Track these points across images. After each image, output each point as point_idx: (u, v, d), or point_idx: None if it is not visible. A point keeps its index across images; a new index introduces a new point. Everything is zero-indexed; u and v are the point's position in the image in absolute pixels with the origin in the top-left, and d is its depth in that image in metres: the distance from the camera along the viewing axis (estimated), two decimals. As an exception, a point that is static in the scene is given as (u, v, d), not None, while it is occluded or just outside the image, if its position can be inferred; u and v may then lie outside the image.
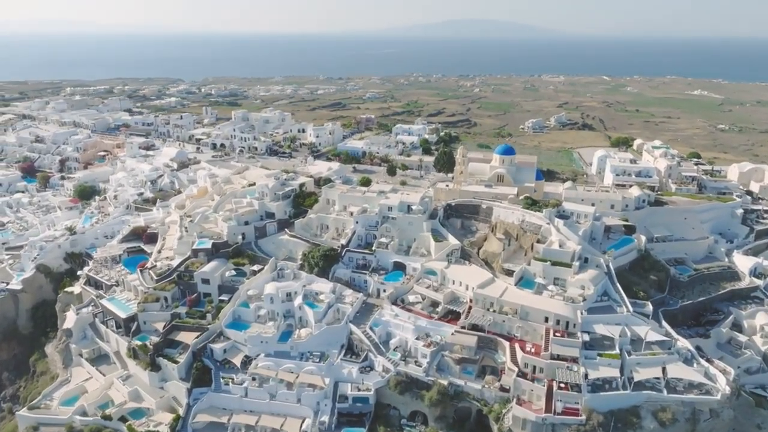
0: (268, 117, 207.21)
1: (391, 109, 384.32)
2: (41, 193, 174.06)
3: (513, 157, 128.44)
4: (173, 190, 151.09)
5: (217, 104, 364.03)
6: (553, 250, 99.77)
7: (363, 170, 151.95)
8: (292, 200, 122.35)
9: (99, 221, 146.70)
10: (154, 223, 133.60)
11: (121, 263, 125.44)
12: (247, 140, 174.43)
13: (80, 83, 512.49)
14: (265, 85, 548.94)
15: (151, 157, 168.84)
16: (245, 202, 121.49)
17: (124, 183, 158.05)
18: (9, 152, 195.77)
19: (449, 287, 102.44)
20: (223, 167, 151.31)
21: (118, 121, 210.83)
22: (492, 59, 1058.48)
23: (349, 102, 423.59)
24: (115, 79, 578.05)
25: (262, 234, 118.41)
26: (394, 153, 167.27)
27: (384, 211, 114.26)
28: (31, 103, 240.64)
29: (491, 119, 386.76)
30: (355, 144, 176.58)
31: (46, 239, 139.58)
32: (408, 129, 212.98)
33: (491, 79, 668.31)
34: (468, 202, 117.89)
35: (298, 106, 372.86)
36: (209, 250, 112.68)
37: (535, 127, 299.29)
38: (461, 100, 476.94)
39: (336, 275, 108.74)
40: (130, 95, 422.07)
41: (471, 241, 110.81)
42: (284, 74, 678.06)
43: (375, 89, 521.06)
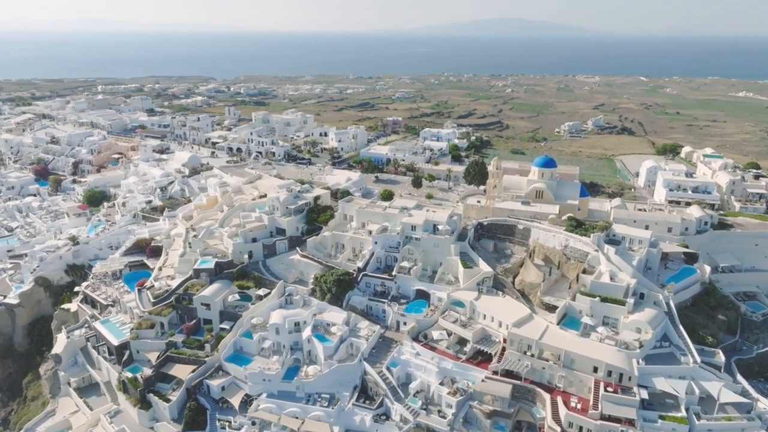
0: (290, 119, 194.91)
1: (420, 110, 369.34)
2: (52, 197, 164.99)
3: (554, 170, 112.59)
4: (183, 198, 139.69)
5: (244, 104, 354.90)
6: (603, 284, 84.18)
7: (386, 180, 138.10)
8: (305, 215, 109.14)
9: (105, 230, 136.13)
10: (159, 235, 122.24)
11: (121, 279, 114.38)
12: (265, 144, 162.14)
13: (114, 81, 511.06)
14: (295, 84, 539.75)
15: (164, 162, 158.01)
16: (254, 216, 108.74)
17: (133, 189, 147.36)
18: (24, 153, 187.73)
19: (479, 323, 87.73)
20: (235, 174, 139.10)
21: (135, 122, 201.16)
22: (524, 59, 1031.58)
23: (377, 102, 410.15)
24: (149, 77, 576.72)
25: (271, 252, 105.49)
26: (421, 161, 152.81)
27: (407, 230, 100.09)
28: (52, 103, 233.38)
29: (524, 121, 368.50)
30: (379, 150, 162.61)
31: (48, 249, 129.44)
32: (436, 133, 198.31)
33: (524, 78, 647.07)
34: (502, 222, 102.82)
35: (326, 106, 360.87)
36: (212, 270, 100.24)
37: (572, 131, 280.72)
38: (493, 100, 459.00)
39: (351, 303, 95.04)
40: (159, 93, 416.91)
41: (505, 267, 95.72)
42: (314, 73, 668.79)
43: (405, 89, 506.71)
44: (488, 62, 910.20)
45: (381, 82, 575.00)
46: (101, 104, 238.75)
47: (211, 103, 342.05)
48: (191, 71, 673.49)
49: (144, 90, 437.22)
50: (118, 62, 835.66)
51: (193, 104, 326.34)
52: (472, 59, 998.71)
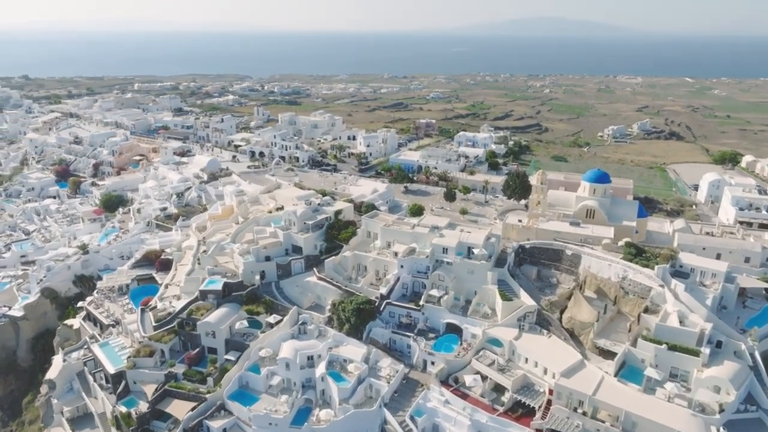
0: (317, 121, 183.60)
1: (454, 111, 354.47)
2: (71, 199, 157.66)
3: (607, 186, 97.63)
4: (200, 205, 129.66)
5: (275, 103, 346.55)
6: (671, 328, 69.59)
7: (416, 191, 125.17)
8: (324, 232, 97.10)
9: (118, 238, 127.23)
10: (171, 247, 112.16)
11: (127, 295, 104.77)
12: (288, 149, 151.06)
13: (152, 78, 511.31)
14: (329, 83, 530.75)
15: (183, 165, 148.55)
16: (268, 231, 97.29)
17: (150, 194, 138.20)
18: (48, 153, 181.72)
19: (520, 367, 74.23)
20: (255, 182, 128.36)
21: (159, 122, 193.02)
22: (563, 58, 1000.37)
23: (411, 102, 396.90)
24: (187, 75, 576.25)
25: (286, 273, 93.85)
26: (455, 169, 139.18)
27: (437, 252, 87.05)
28: (80, 101, 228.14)
29: (563, 123, 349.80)
30: (410, 156, 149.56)
31: (56, 258, 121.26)
32: (472, 138, 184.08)
33: (562, 79, 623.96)
34: (547, 246, 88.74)
35: (358, 106, 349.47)
36: (219, 292, 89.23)
37: (616, 135, 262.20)
38: (530, 101, 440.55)
39: (371, 336, 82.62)
40: (194, 92, 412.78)
41: (551, 300, 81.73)
42: (349, 72, 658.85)
43: (439, 89, 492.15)
44: (526, 62, 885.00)
45: (415, 81, 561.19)
46: (129, 103, 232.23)
47: (242, 102, 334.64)
48: (229, 70, 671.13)
49: (179, 88, 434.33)
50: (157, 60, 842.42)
51: (224, 103, 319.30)
52: (509, 59, 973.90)
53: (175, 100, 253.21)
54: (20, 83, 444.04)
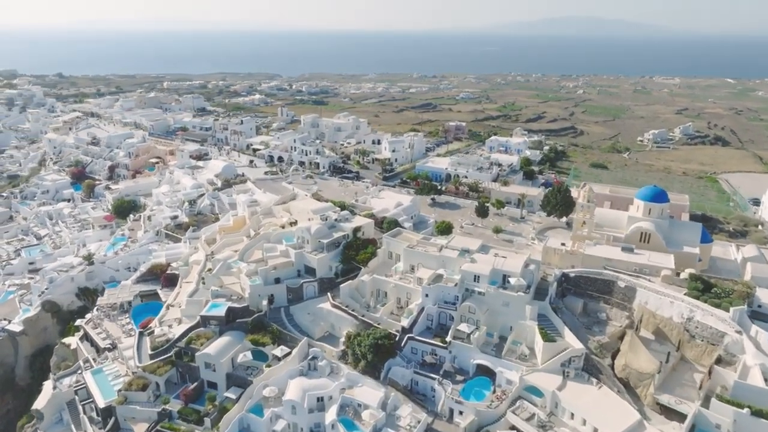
0: (341, 124, 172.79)
1: (485, 112, 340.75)
2: (84, 203, 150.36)
3: (665, 206, 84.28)
4: (212, 214, 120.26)
5: (302, 103, 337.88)
6: (754, 387, 56.69)
7: (444, 204, 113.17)
8: (341, 252, 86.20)
9: (126, 247, 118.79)
10: (178, 261, 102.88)
11: (129, 314, 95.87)
12: (308, 153, 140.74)
13: (181, 77, 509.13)
14: (357, 82, 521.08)
15: (199, 170, 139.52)
16: (279, 250, 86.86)
17: (162, 200, 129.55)
18: (65, 154, 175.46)
19: (564, 423, 62.17)
20: (270, 190, 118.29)
21: (178, 123, 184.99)
22: (596, 58, 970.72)
23: (440, 102, 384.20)
24: (217, 74, 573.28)
25: (297, 297, 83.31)
26: (487, 178, 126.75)
27: (468, 280, 75.34)
28: (101, 101, 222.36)
29: (599, 126, 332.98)
30: (438, 163, 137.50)
31: (60, 269, 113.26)
32: (505, 143, 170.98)
33: (596, 79, 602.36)
34: (595, 275, 76.23)
35: (386, 107, 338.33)
36: (222, 319, 79.21)
37: (657, 140, 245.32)
38: (563, 102, 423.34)
39: (390, 375, 71.45)
40: (222, 90, 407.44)
41: (601, 342, 69.28)
42: (378, 71, 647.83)
43: (469, 89, 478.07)
44: (558, 62, 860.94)
45: (445, 81, 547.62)
46: (152, 102, 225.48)
47: (268, 101, 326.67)
48: (260, 68, 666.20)
49: (208, 86, 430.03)
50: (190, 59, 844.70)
51: (250, 103, 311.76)
52: (540, 58, 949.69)
53: (198, 99, 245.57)
54: (53, 81, 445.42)
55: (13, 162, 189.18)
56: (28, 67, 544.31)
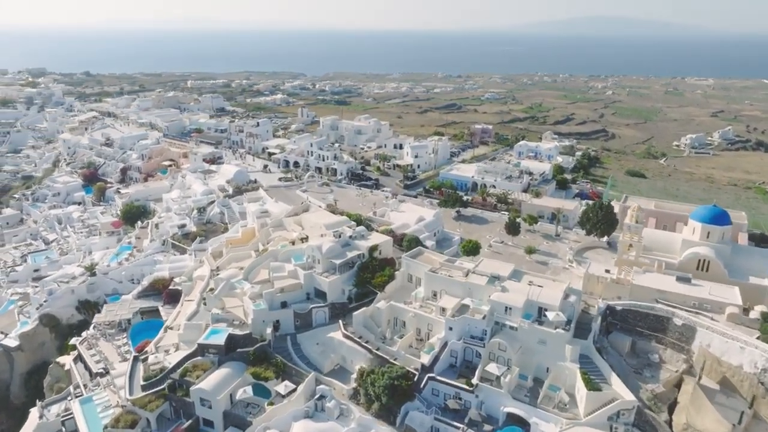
0: (361, 126, 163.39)
1: (511, 114, 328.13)
2: (95, 207, 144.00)
3: (727, 229, 73.01)
4: (222, 223, 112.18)
5: (324, 103, 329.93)
6: None
7: (471, 218, 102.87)
8: (355, 273, 76.94)
9: (131, 257, 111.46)
10: (182, 275, 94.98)
11: (127, 333, 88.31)
12: (326, 159, 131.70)
13: (205, 76, 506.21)
14: (381, 82, 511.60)
15: (211, 175, 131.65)
16: (287, 269, 77.93)
17: (172, 207, 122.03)
18: (79, 155, 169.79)
19: (614, 495, 52.01)
20: (283, 199, 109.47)
21: (194, 124, 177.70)
22: (625, 58, 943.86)
23: (465, 103, 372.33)
24: (241, 73, 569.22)
25: (305, 324, 74.29)
26: (517, 188, 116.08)
27: (498, 312, 65.42)
28: (119, 100, 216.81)
29: (631, 129, 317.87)
30: (464, 171, 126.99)
31: (60, 279, 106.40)
32: (534, 148, 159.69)
33: (626, 80, 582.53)
34: (646, 309, 65.60)
35: (409, 107, 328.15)
36: (221, 348, 70.63)
37: (695, 145, 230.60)
38: (592, 103, 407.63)
39: (408, 422, 61.89)
40: (245, 89, 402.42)
41: (654, 392, 58.68)
42: (402, 71, 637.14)
43: (495, 89, 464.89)
44: (586, 62, 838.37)
45: (470, 81, 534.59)
46: (170, 102, 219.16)
47: (290, 101, 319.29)
48: (285, 67, 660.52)
49: (231, 85, 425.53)
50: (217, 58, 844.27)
51: (271, 102, 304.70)
52: (568, 58, 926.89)
53: (217, 99, 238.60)
54: (80, 79, 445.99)
55: (29, 162, 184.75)
56: (57, 66, 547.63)
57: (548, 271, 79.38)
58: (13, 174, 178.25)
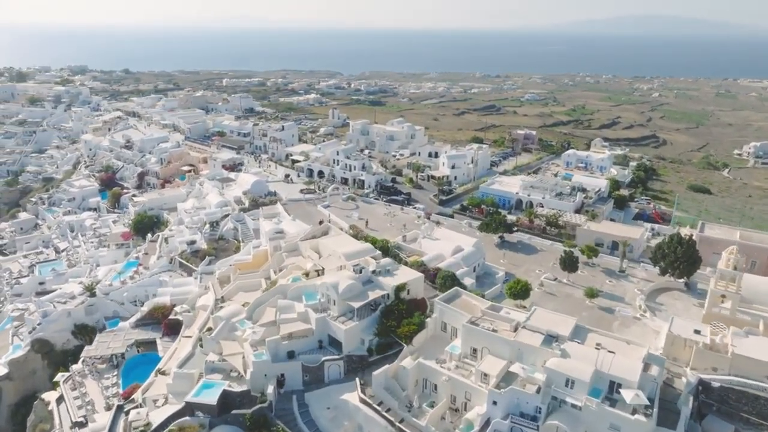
0: (393, 132, 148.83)
1: (553, 116, 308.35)
2: (109, 215, 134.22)
3: None
4: (235, 240, 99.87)
5: (358, 103, 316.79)
6: None
7: (517, 245, 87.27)
8: (377, 319, 62.98)
9: (136, 274, 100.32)
10: (184, 304, 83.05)
11: (119, 369, 76.93)
12: (353, 169, 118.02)
13: (241, 74, 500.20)
14: (417, 81, 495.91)
15: (228, 184, 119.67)
16: (297, 310, 64.48)
17: (185, 219, 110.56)
18: (99, 157, 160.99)
19: None
20: (302, 217, 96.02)
21: (217, 126, 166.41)
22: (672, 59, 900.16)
23: (504, 104, 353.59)
24: (277, 71, 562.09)
25: (316, 379, 60.72)
26: (569, 208, 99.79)
27: (556, 384, 50.48)
28: (144, 99, 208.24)
29: (682, 134, 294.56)
30: (507, 186, 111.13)
31: (57, 299, 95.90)
32: (585, 158, 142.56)
33: (672, 81, 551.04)
34: (755, 390, 49.60)
35: (446, 109, 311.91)
36: (213, 408, 57.76)
37: (760, 154, 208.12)
38: (638, 106, 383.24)
39: None
40: (279, 88, 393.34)
41: None
42: (439, 70, 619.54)
43: (535, 89, 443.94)
44: (630, 62, 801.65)
45: (509, 81, 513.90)
46: (197, 102, 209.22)
47: (323, 101, 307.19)
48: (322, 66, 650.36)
49: (266, 84, 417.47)
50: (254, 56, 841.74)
51: (304, 102, 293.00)
52: (611, 59, 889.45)
53: (246, 99, 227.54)
54: (120, 77, 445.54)
55: (52, 163, 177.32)
56: (99, 63, 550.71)
57: (616, 322, 63.82)
58: (35, 175, 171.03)
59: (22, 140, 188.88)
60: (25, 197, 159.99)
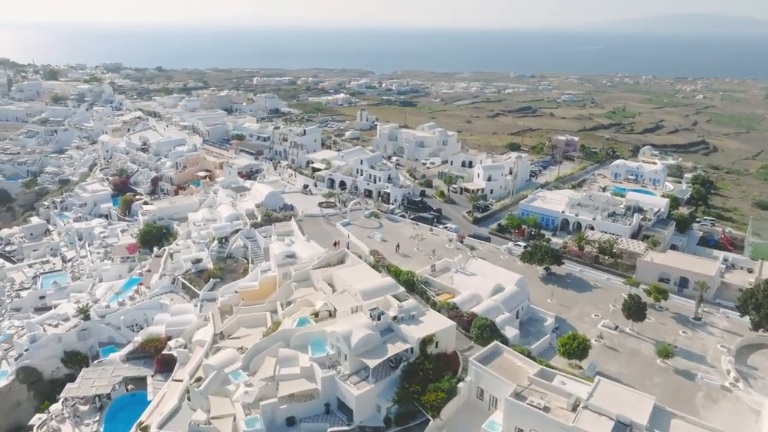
0: (424, 138, 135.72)
1: (593, 120, 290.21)
2: (119, 222, 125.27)
3: None
4: (244, 259, 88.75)
5: (389, 104, 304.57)
6: None
7: (565, 277, 73.45)
8: (398, 380, 50.63)
9: (137, 294, 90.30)
10: (179, 337, 72.26)
11: (102, 414, 66.63)
12: (378, 180, 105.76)
13: (274, 72, 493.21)
14: (450, 81, 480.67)
15: (243, 194, 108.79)
16: (300, 364, 52.59)
17: (194, 232, 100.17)
18: (115, 160, 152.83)
19: None
20: (318, 236, 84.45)
21: (237, 128, 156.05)
22: (717, 59, 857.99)
23: (540, 106, 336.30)
24: (309, 70, 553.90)
25: (320, 457, 48.96)
26: (625, 232, 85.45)
27: (632, 495, 37.42)
28: (166, 99, 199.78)
29: (731, 140, 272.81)
30: (550, 203, 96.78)
31: (49, 321, 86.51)
32: (636, 169, 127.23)
33: (717, 82, 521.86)
34: None
35: (480, 110, 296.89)
36: (191, 490, 46.45)
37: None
38: (681, 108, 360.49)
39: None
40: (309, 87, 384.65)
41: None
42: (472, 70, 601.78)
43: (571, 90, 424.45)
44: (671, 62, 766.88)
45: (544, 81, 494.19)
46: (221, 102, 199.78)
47: (352, 101, 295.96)
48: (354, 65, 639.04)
49: (297, 83, 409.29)
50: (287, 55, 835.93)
51: (332, 102, 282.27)
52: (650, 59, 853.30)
53: (272, 99, 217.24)
54: (152, 74, 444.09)
55: (70, 164, 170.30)
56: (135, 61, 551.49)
57: (699, 393, 49.99)
58: (53, 176, 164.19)
59: (43, 140, 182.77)
60: (41, 200, 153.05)
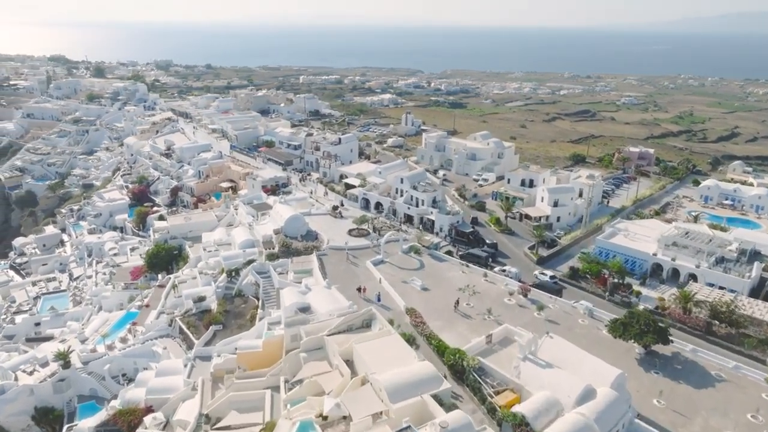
0: (476, 149, 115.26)
1: (659, 125, 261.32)
2: (132, 237, 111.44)
3: None
4: (255, 298, 71.98)
5: (437, 105, 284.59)
6: None
7: (672, 360, 52.22)
8: None
9: (130, 334, 75.17)
10: (159, 411, 56.03)
11: None
12: (421, 204, 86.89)
13: (322, 71, 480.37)
14: (502, 81, 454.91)
15: (264, 214, 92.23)
16: None
17: (204, 259, 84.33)
18: (138, 165, 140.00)
19: None
20: (343, 279, 66.57)
21: (269, 133, 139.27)
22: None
23: (598, 109, 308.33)
24: (358, 68, 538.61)
25: None
26: (742, 285, 63.52)
27: None
28: (199, 99, 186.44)
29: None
30: (635, 240, 75.21)
31: (24, 365, 72.31)
32: (731, 193, 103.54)
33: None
34: None
35: (534, 113, 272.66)
36: None
37: None
38: (756, 113, 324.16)
39: None
40: (356, 86, 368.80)
41: None
42: (525, 69, 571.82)
43: (630, 92, 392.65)
44: (739, 63, 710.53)
45: (601, 82, 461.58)
46: (258, 103, 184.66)
47: (399, 102, 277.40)
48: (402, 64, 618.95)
49: (344, 82, 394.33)
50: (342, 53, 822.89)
51: (378, 103, 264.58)
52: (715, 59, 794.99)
53: (312, 100, 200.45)
54: (201, 72, 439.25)
55: (97, 166, 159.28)
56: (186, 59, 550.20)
57: None
58: (78, 179, 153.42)
59: (74, 140, 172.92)
60: (62, 205, 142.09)
